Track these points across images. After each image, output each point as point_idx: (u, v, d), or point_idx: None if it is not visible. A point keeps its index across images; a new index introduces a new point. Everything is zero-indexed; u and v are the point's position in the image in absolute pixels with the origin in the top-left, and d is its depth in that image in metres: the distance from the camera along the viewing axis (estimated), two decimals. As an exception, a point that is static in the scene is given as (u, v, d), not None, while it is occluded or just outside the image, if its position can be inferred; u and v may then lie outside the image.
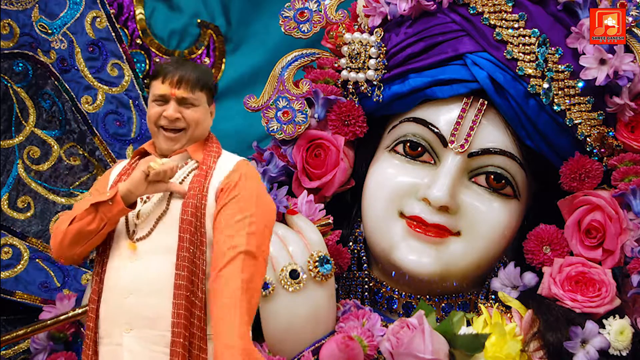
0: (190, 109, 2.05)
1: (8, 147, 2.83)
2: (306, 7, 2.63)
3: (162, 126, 2.05)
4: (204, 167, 2.05)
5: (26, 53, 2.84)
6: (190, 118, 2.05)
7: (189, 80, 2.05)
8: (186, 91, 2.04)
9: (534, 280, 2.47)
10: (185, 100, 2.04)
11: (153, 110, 2.06)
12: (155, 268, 1.98)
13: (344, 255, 2.54)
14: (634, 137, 2.46)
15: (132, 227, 2.02)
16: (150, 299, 1.96)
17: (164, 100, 2.05)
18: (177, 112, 2.04)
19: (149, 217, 2.02)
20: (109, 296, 1.99)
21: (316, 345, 2.34)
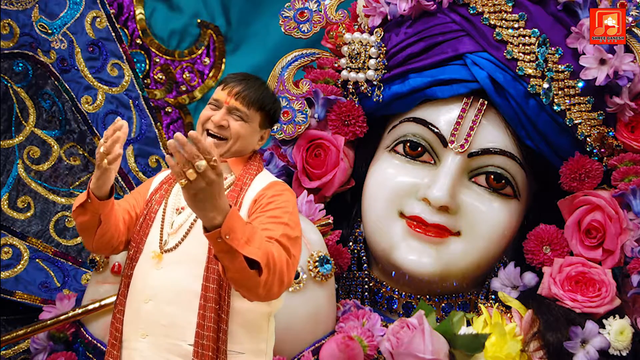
0: (238, 122, 2.04)
1: (8, 147, 2.83)
2: (306, 7, 2.64)
3: (207, 129, 2.04)
4: (240, 183, 2.05)
5: (26, 53, 2.84)
6: (234, 129, 2.04)
7: (248, 95, 2.05)
8: (240, 104, 2.04)
9: (534, 280, 2.47)
10: (236, 111, 2.04)
11: (204, 113, 2.06)
12: (177, 278, 1.98)
13: (344, 255, 2.54)
14: (634, 137, 2.46)
15: (165, 236, 2.02)
16: (168, 307, 1.97)
17: (217, 105, 2.05)
18: (223, 119, 2.03)
19: (181, 229, 2.02)
20: (132, 300, 2.01)
21: (316, 345, 2.34)
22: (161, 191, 2.09)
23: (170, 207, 2.06)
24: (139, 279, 2.01)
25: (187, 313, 1.95)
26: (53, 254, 2.82)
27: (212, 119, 2.04)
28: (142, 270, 2.01)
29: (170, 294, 1.97)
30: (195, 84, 3.13)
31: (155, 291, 1.97)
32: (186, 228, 2.02)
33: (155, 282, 1.98)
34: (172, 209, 2.06)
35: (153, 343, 1.96)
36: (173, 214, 2.05)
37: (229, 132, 2.04)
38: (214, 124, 2.04)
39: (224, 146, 2.05)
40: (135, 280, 2.02)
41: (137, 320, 1.98)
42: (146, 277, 1.99)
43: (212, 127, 2.04)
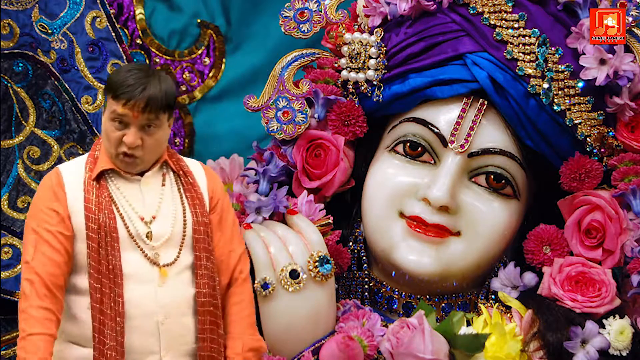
0: (151, 135, 1.98)
1: (8, 147, 2.83)
2: (306, 7, 2.63)
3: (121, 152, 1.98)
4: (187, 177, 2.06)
5: (26, 53, 2.84)
6: (148, 145, 1.98)
7: (155, 102, 1.95)
8: (151, 114, 1.96)
9: (534, 280, 2.47)
10: (147, 123, 1.97)
11: (113, 135, 1.96)
12: (183, 288, 2.00)
13: (344, 255, 2.54)
14: (634, 137, 2.46)
15: (149, 250, 1.99)
16: (183, 318, 2.00)
17: (124, 124, 1.96)
18: (138, 139, 1.96)
19: (171, 241, 2.00)
20: (136, 325, 1.96)
21: (316, 345, 2.34)
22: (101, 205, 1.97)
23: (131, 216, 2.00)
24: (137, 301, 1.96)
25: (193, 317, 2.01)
26: (53, 254, 2.81)
27: (125, 140, 1.95)
28: (138, 292, 1.96)
29: (183, 306, 1.99)
30: (195, 84, 3.12)
31: (169, 308, 1.97)
32: (179, 239, 2.01)
33: (165, 300, 1.97)
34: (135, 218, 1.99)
35: (173, 355, 1.98)
36: (139, 225, 1.99)
37: (143, 150, 1.98)
38: (128, 146, 1.95)
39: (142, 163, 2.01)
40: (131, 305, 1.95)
41: (154, 342, 1.96)
42: (150, 298, 1.96)
43: (126, 149, 1.96)
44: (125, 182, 2.04)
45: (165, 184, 2.07)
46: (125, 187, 2.03)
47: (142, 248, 1.99)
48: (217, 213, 2.10)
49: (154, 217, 2.02)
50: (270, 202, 2.47)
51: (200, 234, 2.04)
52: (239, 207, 2.50)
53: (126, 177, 2.04)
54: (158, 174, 2.07)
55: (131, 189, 2.03)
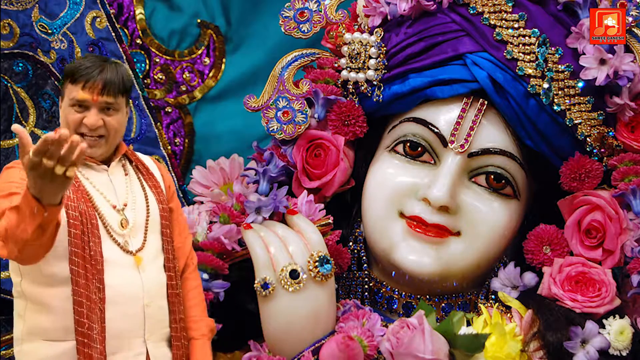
0: (111, 116, 2.01)
1: (8, 147, 2.83)
2: (306, 7, 2.63)
3: (82, 133, 1.99)
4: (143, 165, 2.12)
5: (26, 53, 2.84)
6: (111, 125, 2.01)
7: (112, 85, 1.99)
8: (109, 97, 1.99)
9: (534, 280, 2.47)
10: (106, 105, 2.00)
11: (72, 117, 1.99)
12: (157, 273, 2.05)
13: (344, 255, 2.54)
14: (634, 137, 2.46)
15: (120, 238, 2.01)
16: (162, 302, 2.04)
17: (84, 107, 1.99)
18: (99, 120, 1.99)
19: (136, 225, 2.04)
20: (120, 310, 1.97)
21: (316, 345, 2.34)
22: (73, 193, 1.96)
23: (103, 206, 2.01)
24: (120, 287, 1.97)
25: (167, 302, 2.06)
26: (53, 254, 2.81)
27: (87, 122, 1.98)
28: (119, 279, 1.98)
29: (161, 290, 2.04)
30: (195, 84, 3.12)
31: (152, 292, 2.01)
32: (143, 224, 2.05)
33: (147, 285, 2.00)
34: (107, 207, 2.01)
35: (154, 340, 2.02)
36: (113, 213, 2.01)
37: (106, 129, 2.01)
38: (90, 127, 1.98)
39: (104, 144, 2.03)
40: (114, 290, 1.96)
41: (138, 327, 1.99)
42: (133, 284, 1.99)
43: (87, 131, 1.99)
44: (94, 173, 2.05)
45: (127, 173, 2.10)
46: (95, 177, 2.04)
47: (114, 236, 2.00)
48: (174, 203, 2.16)
49: (125, 204, 2.04)
50: (270, 202, 2.47)
51: (167, 220, 2.10)
52: (239, 207, 2.50)
53: (93, 167, 2.05)
54: (119, 165, 2.10)
55: (100, 178, 2.05)
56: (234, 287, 2.45)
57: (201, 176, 2.77)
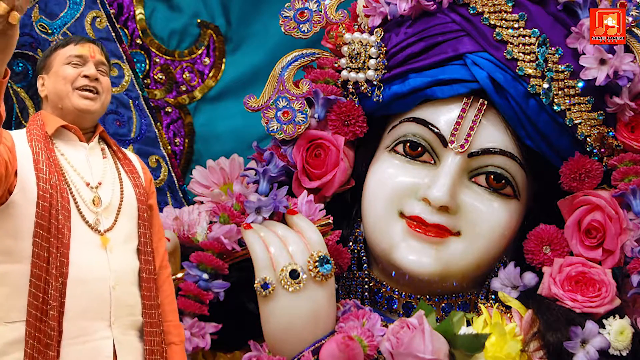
0: (104, 76, 2.09)
1: (8, 147, 2.83)
2: (306, 7, 2.63)
3: (79, 86, 2.03)
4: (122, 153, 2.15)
5: (26, 53, 2.84)
6: (105, 84, 2.08)
7: (103, 48, 2.12)
8: (102, 57, 2.10)
9: (534, 280, 2.47)
10: (101, 65, 2.08)
11: (70, 71, 2.04)
12: (128, 257, 2.03)
13: (344, 255, 2.54)
14: (634, 137, 2.46)
15: (90, 216, 1.98)
16: (132, 288, 2.02)
17: (81, 62, 2.05)
18: (97, 73, 2.06)
19: (110, 206, 2.02)
20: (88, 291, 1.92)
21: (316, 345, 2.34)
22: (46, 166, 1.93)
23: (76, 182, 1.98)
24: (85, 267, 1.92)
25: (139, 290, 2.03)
26: (53, 254, 2.81)
27: (87, 73, 2.04)
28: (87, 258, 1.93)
29: (131, 275, 2.02)
30: (195, 84, 3.12)
31: (119, 275, 1.98)
32: (117, 205, 2.04)
33: (114, 267, 1.97)
34: (81, 184, 1.99)
35: (120, 326, 1.98)
36: (84, 191, 1.99)
37: (101, 86, 2.06)
38: (91, 77, 2.03)
39: (99, 100, 2.07)
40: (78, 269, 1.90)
41: (103, 309, 1.94)
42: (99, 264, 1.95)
43: (86, 82, 2.03)
44: (71, 150, 2.04)
45: (105, 156, 2.11)
46: (71, 154, 2.03)
47: (83, 214, 1.97)
48: (153, 200, 2.17)
49: (99, 182, 2.03)
50: (270, 202, 2.47)
51: (144, 204, 2.10)
52: (239, 207, 2.50)
53: (72, 143, 2.05)
54: (98, 146, 2.11)
55: (78, 155, 2.04)
56: (234, 287, 2.45)
57: (201, 176, 2.77)
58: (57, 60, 2.07)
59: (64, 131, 2.05)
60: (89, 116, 2.07)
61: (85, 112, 2.05)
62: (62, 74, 2.04)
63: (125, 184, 2.09)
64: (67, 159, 2.02)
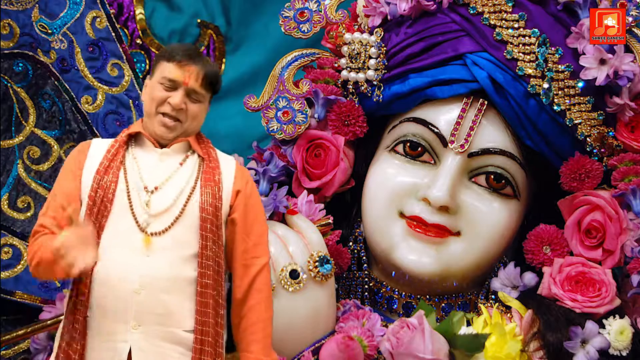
0: (195, 104, 2.05)
1: (8, 147, 2.83)
2: (306, 7, 2.63)
3: (162, 112, 2.03)
4: (211, 163, 2.08)
5: (26, 53, 2.84)
6: (192, 112, 2.05)
7: (205, 75, 2.04)
8: (199, 85, 2.04)
9: (534, 280, 2.47)
10: (194, 93, 2.04)
11: (159, 94, 2.03)
12: (170, 264, 1.97)
13: (344, 255, 2.54)
14: (634, 137, 2.46)
15: (141, 218, 1.98)
16: (163, 295, 1.95)
17: (172, 87, 2.03)
18: (183, 102, 2.03)
19: (168, 213, 1.99)
20: (111, 290, 1.94)
21: (316, 345, 2.34)
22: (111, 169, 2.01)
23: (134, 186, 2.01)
24: (120, 267, 1.94)
25: (181, 299, 1.96)
26: (53, 254, 2.81)
27: (171, 102, 2.02)
28: (122, 258, 1.95)
29: (165, 282, 1.95)
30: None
31: (149, 280, 1.94)
32: (176, 213, 2.00)
33: (145, 271, 1.94)
34: (139, 188, 2.00)
35: (146, 333, 1.94)
36: (142, 193, 2.00)
37: (185, 115, 2.04)
38: (173, 107, 2.02)
39: (180, 128, 2.05)
40: (111, 269, 1.94)
41: (127, 313, 1.93)
42: (131, 264, 1.94)
43: (169, 111, 2.02)
44: (143, 152, 2.07)
45: (183, 163, 2.07)
46: (142, 156, 2.06)
47: (135, 215, 1.98)
48: (240, 213, 2.07)
49: (156, 187, 2.02)
50: (270, 202, 2.47)
51: (209, 214, 2.02)
52: (239, 207, 2.50)
53: (146, 147, 2.07)
54: (180, 153, 2.08)
55: (146, 158, 2.06)
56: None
57: (201, 176, 2.77)
58: (158, 72, 2.05)
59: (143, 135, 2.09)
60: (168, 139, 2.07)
61: (159, 137, 2.06)
62: (153, 93, 2.05)
63: (195, 192, 2.04)
64: (138, 160, 2.05)
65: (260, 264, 2.08)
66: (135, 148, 2.08)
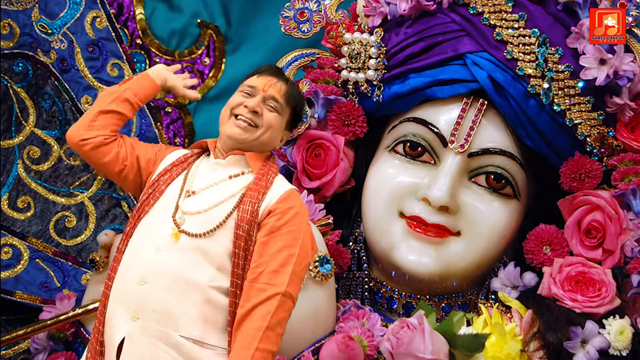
0: (271, 112, 2.05)
1: (8, 147, 2.83)
2: (306, 7, 2.64)
3: (237, 114, 2.04)
4: (262, 182, 2.02)
5: (26, 53, 2.84)
6: (267, 119, 2.04)
7: (285, 87, 2.08)
8: (278, 94, 2.06)
9: (534, 280, 2.47)
10: (272, 101, 2.05)
11: (236, 99, 2.06)
12: (180, 265, 1.94)
13: (344, 255, 2.54)
14: (634, 137, 2.46)
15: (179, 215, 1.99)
16: (164, 294, 1.93)
17: (250, 93, 2.05)
18: (258, 106, 2.03)
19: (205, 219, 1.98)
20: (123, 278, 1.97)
21: (316, 345, 2.34)
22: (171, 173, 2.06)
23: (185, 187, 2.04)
24: (135, 256, 1.97)
25: (183, 303, 1.92)
26: (53, 254, 2.82)
27: (246, 104, 2.03)
28: (140, 248, 1.97)
29: (168, 280, 1.93)
30: (195, 84, 3.12)
31: (153, 274, 1.93)
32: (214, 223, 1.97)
33: (154, 265, 1.94)
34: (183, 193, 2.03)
35: (142, 327, 1.92)
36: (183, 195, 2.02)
37: (261, 121, 2.03)
38: (248, 109, 2.03)
39: (254, 132, 2.04)
40: (128, 257, 1.97)
41: (128, 300, 1.94)
42: (144, 256, 1.95)
43: (244, 113, 2.03)
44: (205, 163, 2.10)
45: (234, 178, 2.06)
46: (202, 166, 2.09)
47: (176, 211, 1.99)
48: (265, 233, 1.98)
49: (193, 192, 2.03)
50: (270, 202, 2.47)
51: (243, 231, 1.96)
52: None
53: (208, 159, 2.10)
54: (235, 168, 2.06)
55: (203, 167, 2.09)
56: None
57: (201, 176, 2.77)
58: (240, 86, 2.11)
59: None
60: (237, 145, 2.05)
61: (233, 139, 2.05)
62: (230, 99, 2.07)
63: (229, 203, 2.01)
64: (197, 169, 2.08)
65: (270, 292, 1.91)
66: (204, 158, 2.12)
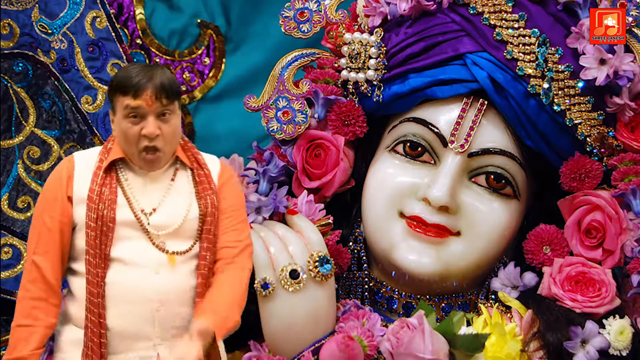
0: (167, 122, 1.99)
1: (8, 147, 2.83)
2: (306, 7, 2.63)
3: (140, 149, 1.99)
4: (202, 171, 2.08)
5: (26, 53, 2.84)
6: (167, 133, 1.99)
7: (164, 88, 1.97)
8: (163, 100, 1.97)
9: (534, 280, 2.47)
10: (163, 111, 1.98)
11: (131, 130, 1.97)
12: (184, 277, 2.01)
13: (344, 255, 2.54)
14: (634, 137, 2.46)
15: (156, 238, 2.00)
16: (181, 309, 2.00)
17: (140, 115, 1.97)
18: (157, 128, 1.97)
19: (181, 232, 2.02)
20: (127, 310, 1.97)
21: (316, 345, 2.34)
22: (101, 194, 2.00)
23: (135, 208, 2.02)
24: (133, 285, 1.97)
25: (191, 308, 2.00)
26: (53, 254, 2.81)
27: (145, 132, 1.96)
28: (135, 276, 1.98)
29: (182, 295, 2.00)
30: (195, 84, 3.12)
31: (166, 296, 1.98)
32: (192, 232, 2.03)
33: (160, 287, 1.98)
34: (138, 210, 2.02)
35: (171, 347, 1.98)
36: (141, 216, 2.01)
37: (163, 139, 1.99)
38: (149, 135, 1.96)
39: (164, 156, 2.02)
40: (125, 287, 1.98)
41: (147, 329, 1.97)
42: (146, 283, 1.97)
43: (146, 143, 1.98)
44: (133, 174, 2.06)
45: (174, 178, 2.08)
46: (132, 179, 2.05)
47: (150, 236, 2.00)
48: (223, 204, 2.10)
49: (154, 209, 2.03)
50: (270, 202, 2.47)
51: (208, 224, 2.05)
52: (239, 207, 2.50)
53: (134, 170, 2.06)
54: (169, 170, 2.08)
55: (137, 181, 2.05)
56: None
57: (201, 176, 2.76)
58: (118, 106, 1.98)
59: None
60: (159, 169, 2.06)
61: (151, 170, 2.05)
62: (124, 131, 1.98)
63: (192, 208, 2.05)
64: (130, 183, 2.04)
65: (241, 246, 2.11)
66: (122, 169, 2.06)
